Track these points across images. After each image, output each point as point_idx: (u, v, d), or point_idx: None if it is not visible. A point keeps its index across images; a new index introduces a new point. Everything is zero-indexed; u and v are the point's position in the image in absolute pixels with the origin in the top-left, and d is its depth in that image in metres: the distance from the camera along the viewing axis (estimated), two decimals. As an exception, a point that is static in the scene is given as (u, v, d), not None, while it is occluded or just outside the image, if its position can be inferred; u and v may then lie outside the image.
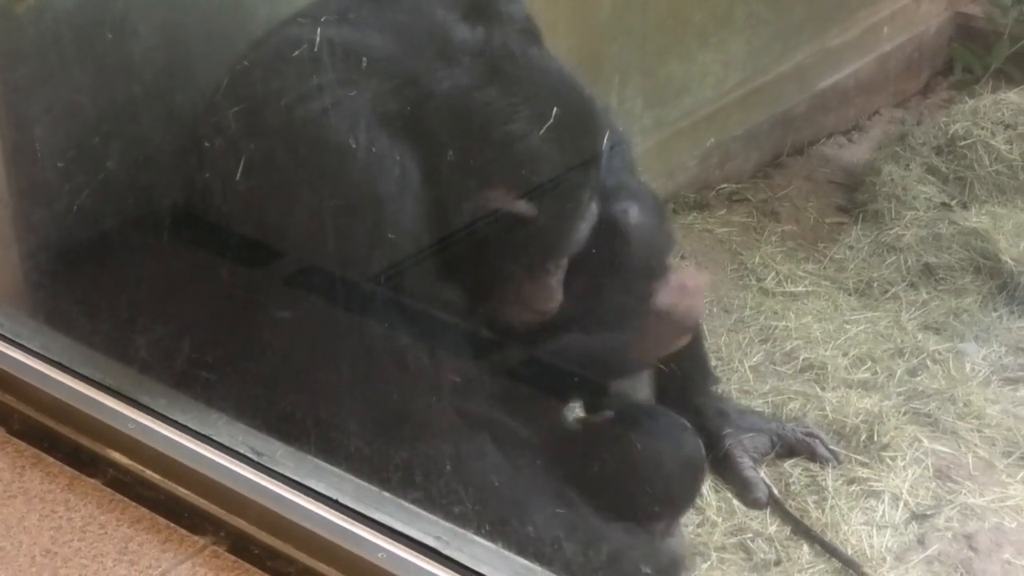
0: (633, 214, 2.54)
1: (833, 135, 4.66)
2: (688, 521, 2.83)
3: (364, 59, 2.21)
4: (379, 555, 1.92)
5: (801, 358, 3.41)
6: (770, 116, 4.37)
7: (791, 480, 2.99)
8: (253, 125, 2.20)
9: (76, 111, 2.43)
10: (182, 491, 2.11)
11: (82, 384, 2.24)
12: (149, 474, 2.14)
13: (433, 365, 2.27)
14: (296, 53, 2.21)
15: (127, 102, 2.46)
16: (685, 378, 2.86)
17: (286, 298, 2.23)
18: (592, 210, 2.39)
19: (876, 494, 2.94)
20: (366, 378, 2.25)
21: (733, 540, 2.87)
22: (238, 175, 2.19)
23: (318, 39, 2.20)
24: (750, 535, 2.87)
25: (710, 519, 2.90)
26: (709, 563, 2.80)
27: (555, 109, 2.24)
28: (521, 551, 2.05)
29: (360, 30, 2.26)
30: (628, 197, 2.56)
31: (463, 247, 2.32)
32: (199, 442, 2.12)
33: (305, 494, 2.01)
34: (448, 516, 2.04)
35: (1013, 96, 4.33)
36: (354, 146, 2.14)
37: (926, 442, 3.09)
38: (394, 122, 2.18)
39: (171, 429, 2.14)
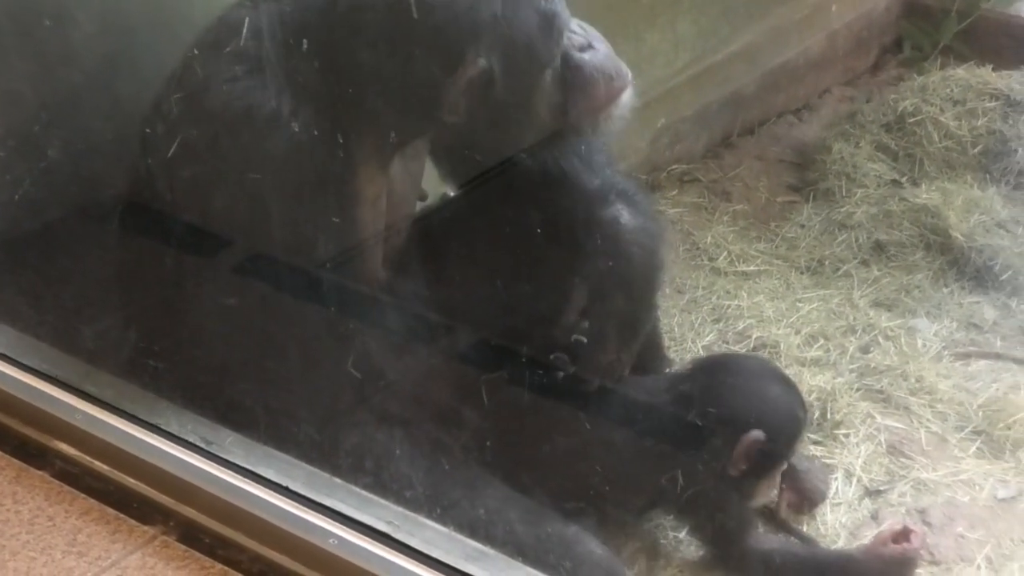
0: (625, 216, 2.51)
1: (783, 114, 4.66)
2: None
3: (290, 35, 2.19)
4: (330, 541, 1.92)
5: (754, 337, 3.40)
6: (720, 96, 4.37)
7: (745, 459, 2.98)
8: (191, 109, 2.18)
9: (16, 100, 2.40)
10: (131, 481, 2.10)
11: (28, 376, 2.23)
12: (98, 465, 2.13)
13: (379, 350, 2.26)
14: (228, 36, 2.19)
15: (68, 90, 2.44)
16: (638, 359, 2.86)
17: (231, 284, 2.21)
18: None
19: (829, 471, 2.94)
20: (309, 364, 2.23)
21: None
22: (179, 161, 2.17)
23: (248, 21, 2.18)
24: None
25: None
26: (667, 540, 2.80)
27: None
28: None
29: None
30: (618, 198, 2.54)
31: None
32: (148, 431, 2.11)
33: (255, 481, 2.01)
34: (400, 501, 2.04)
35: (961, 72, 4.36)
36: (281, 123, 2.12)
37: (879, 418, 3.10)
38: (322, 97, 2.17)
39: (119, 419, 2.13)
